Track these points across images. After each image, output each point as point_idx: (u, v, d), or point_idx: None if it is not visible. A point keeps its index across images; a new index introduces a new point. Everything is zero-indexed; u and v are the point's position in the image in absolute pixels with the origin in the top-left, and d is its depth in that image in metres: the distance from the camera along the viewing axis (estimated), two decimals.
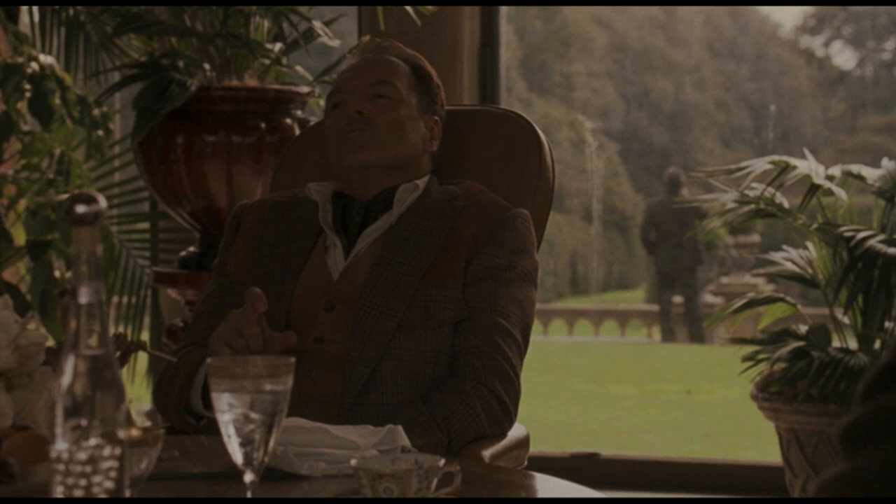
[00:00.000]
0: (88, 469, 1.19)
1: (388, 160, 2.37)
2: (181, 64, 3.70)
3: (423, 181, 2.39)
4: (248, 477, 1.44)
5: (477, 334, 2.25)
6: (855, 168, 4.19)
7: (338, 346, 2.24)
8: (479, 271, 2.29)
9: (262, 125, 3.71)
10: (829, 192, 4.11)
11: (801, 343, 4.01)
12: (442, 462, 1.63)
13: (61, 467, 1.20)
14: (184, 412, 2.25)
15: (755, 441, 6.80)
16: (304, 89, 3.80)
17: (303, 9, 3.78)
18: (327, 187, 2.43)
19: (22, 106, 4.11)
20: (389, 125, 2.37)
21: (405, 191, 2.36)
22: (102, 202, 1.25)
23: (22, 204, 4.32)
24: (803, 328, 4.08)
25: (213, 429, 1.47)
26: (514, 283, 2.31)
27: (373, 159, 2.36)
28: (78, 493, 1.19)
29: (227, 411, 1.41)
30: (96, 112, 4.17)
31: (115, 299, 4.49)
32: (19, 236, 4.33)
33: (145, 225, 4.61)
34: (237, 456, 1.43)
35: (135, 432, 1.59)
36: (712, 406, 8.83)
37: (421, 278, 2.27)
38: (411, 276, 2.27)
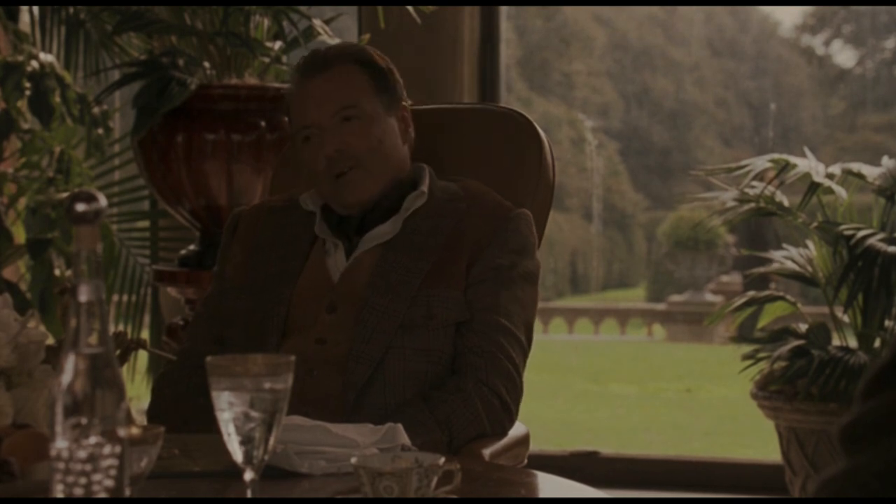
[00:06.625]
0: (88, 467, 1.19)
1: (383, 186, 2.32)
2: (181, 62, 3.70)
3: (426, 185, 2.35)
4: (249, 475, 1.44)
5: (479, 334, 2.25)
6: (855, 166, 4.19)
7: (339, 347, 2.24)
8: (481, 272, 2.28)
9: (262, 123, 3.70)
10: (829, 191, 4.11)
11: (801, 341, 4.01)
12: (442, 460, 1.63)
13: (61, 466, 1.20)
14: None
15: (755, 440, 6.79)
16: None
17: (303, 7, 3.78)
18: (318, 199, 2.40)
19: (22, 104, 4.11)
20: (371, 151, 2.30)
21: (412, 199, 2.33)
22: (102, 200, 1.25)
23: (22, 202, 4.32)
24: (803, 327, 4.08)
25: (212, 428, 1.47)
26: (516, 283, 2.30)
27: (369, 196, 2.31)
28: (78, 492, 1.19)
29: (227, 409, 1.41)
30: (96, 110, 4.17)
31: (116, 298, 4.49)
32: (19, 234, 4.33)
33: (145, 223, 4.61)
34: (237, 454, 1.43)
35: (135, 430, 1.59)
36: (712, 405, 8.82)
37: (423, 279, 2.27)
38: (413, 276, 2.27)
